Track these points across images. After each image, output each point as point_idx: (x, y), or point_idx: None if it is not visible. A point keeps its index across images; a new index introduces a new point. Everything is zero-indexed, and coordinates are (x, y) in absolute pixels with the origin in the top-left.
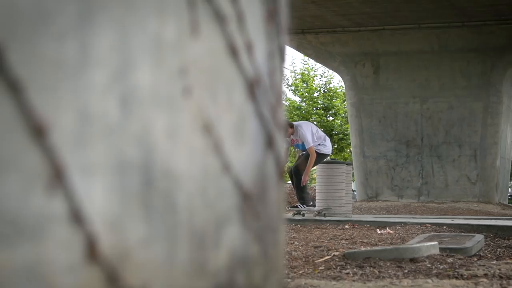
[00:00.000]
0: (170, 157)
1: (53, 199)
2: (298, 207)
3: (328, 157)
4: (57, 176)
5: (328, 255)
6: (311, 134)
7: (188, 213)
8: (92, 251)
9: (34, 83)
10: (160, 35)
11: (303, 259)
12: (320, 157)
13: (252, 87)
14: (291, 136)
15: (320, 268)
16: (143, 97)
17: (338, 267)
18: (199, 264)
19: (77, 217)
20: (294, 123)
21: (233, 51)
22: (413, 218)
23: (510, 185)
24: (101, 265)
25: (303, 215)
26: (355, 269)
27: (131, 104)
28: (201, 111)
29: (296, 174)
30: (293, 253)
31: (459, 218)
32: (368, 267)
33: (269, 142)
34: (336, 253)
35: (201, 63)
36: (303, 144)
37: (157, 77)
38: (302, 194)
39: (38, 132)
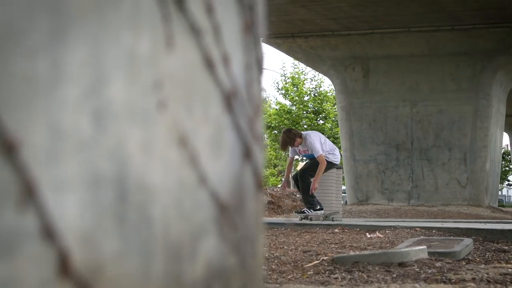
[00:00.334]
0: (145, 171)
1: (25, 215)
2: (305, 212)
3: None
4: (29, 193)
5: (317, 260)
6: (320, 143)
7: (163, 225)
8: (64, 266)
9: (4, 100)
10: (134, 49)
11: (292, 264)
12: (329, 166)
13: (229, 99)
14: (299, 146)
15: (309, 272)
16: (117, 111)
17: (327, 272)
18: (175, 277)
19: (49, 233)
20: (303, 132)
21: (209, 64)
22: (403, 221)
23: (500, 188)
24: (74, 280)
25: (311, 219)
26: (343, 274)
27: (105, 118)
28: (177, 124)
29: (302, 178)
30: (282, 257)
31: (448, 222)
32: (356, 272)
33: (247, 154)
34: (325, 258)
35: (177, 76)
36: (311, 155)
37: (131, 91)
38: (308, 198)
39: (8, 149)
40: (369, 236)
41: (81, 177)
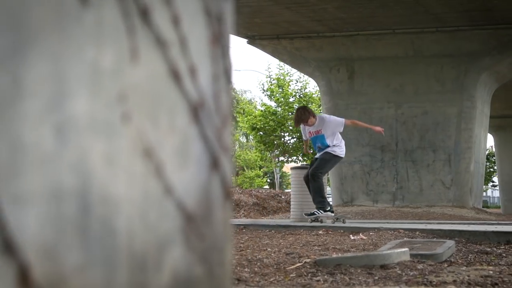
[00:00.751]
0: (108, 183)
1: None
2: (315, 214)
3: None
4: None
5: (299, 262)
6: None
7: (128, 236)
8: (24, 280)
9: None
10: (97, 63)
11: (275, 266)
12: (334, 159)
13: (196, 110)
14: (311, 128)
15: (291, 275)
16: (79, 124)
17: (309, 274)
18: (140, 287)
19: (8, 247)
20: (317, 115)
21: (175, 75)
22: (387, 223)
23: (484, 189)
24: None
25: (321, 221)
26: (326, 276)
27: (67, 132)
28: (141, 136)
29: (314, 178)
30: (265, 260)
31: (432, 223)
32: (339, 274)
33: (214, 164)
34: (308, 260)
35: (142, 89)
36: (321, 137)
37: (94, 105)
38: (319, 199)
39: None
40: (352, 238)
41: (43, 190)
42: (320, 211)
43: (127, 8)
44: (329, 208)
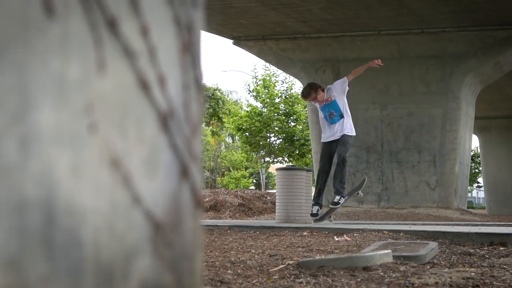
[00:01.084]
0: (74, 194)
1: None
2: (340, 202)
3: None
4: None
5: (282, 264)
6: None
7: (94, 247)
8: None
9: None
10: (62, 75)
11: (258, 268)
12: (352, 139)
13: (165, 119)
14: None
15: (274, 277)
16: (44, 136)
17: (292, 276)
18: None
19: None
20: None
21: (144, 85)
22: (372, 224)
23: (469, 190)
24: None
25: (331, 219)
26: (308, 278)
27: (31, 144)
28: (108, 146)
29: (343, 162)
30: (248, 262)
31: (417, 224)
32: (321, 276)
33: (184, 173)
34: (291, 262)
35: (109, 99)
36: (333, 103)
37: (60, 116)
38: (343, 185)
39: None
40: (336, 239)
41: (6, 202)
42: (342, 195)
43: (94, 19)
44: (346, 195)
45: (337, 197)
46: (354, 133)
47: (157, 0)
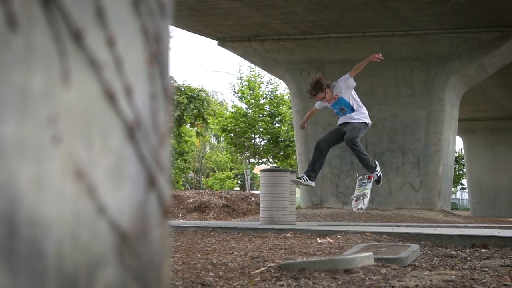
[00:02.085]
0: (37, 205)
1: None
2: (380, 180)
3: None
4: None
5: (264, 266)
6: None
7: (57, 258)
8: None
9: None
10: (26, 87)
11: (239, 271)
12: (365, 127)
13: (132, 129)
14: (329, 100)
15: (256, 279)
16: (7, 148)
17: (273, 279)
18: None
19: None
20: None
21: (110, 96)
22: (356, 225)
23: (454, 192)
24: None
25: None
26: (289, 281)
27: None
28: (73, 157)
29: (354, 143)
30: (230, 264)
31: (400, 226)
32: (303, 279)
33: (151, 183)
34: (272, 264)
35: (74, 111)
36: (341, 99)
37: (23, 128)
38: (369, 163)
39: None
40: (319, 241)
41: None
42: (377, 172)
43: (58, 32)
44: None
45: (375, 175)
46: (366, 121)
47: (124, 11)
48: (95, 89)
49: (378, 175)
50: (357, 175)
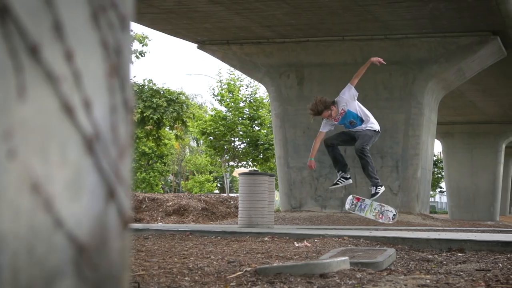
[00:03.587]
0: None
1: None
2: (378, 192)
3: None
4: None
5: (240, 271)
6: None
7: (12, 271)
8: None
9: None
10: None
11: (215, 275)
12: (376, 134)
13: (91, 142)
14: (335, 117)
15: (232, 284)
16: None
17: (249, 283)
18: None
19: None
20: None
21: (68, 110)
22: (334, 229)
23: (433, 195)
24: None
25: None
26: (265, 285)
27: None
28: (29, 171)
29: (363, 153)
30: (206, 268)
31: (378, 230)
32: (278, 283)
33: (111, 194)
34: (248, 269)
35: (30, 125)
36: (348, 112)
37: None
38: (375, 175)
39: None
40: (297, 245)
41: None
42: (378, 187)
43: (14, 46)
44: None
45: (373, 189)
46: (376, 128)
47: (83, 24)
48: (52, 102)
49: (376, 191)
50: (346, 208)
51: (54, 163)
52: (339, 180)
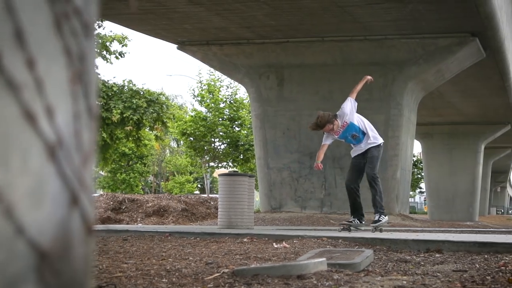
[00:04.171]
0: None
1: None
2: (381, 220)
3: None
4: None
5: (217, 272)
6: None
7: None
8: None
9: None
10: None
11: (193, 277)
12: (380, 149)
13: (53, 149)
14: (337, 130)
15: (209, 285)
16: None
17: (227, 285)
18: None
19: None
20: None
21: (29, 117)
22: (314, 230)
23: (413, 195)
24: None
25: (380, 230)
26: (242, 287)
27: None
28: None
29: (374, 181)
30: (183, 270)
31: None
32: (256, 285)
33: (74, 201)
34: (226, 270)
35: None
36: (351, 125)
37: None
38: (382, 203)
39: None
40: (275, 246)
41: None
42: (382, 216)
43: None
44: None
45: (376, 216)
46: (379, 141)
47: (45, 32)
48: (12, 110)
49: (379, 218)
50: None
51: (15, 170)
52: (355, 221)
